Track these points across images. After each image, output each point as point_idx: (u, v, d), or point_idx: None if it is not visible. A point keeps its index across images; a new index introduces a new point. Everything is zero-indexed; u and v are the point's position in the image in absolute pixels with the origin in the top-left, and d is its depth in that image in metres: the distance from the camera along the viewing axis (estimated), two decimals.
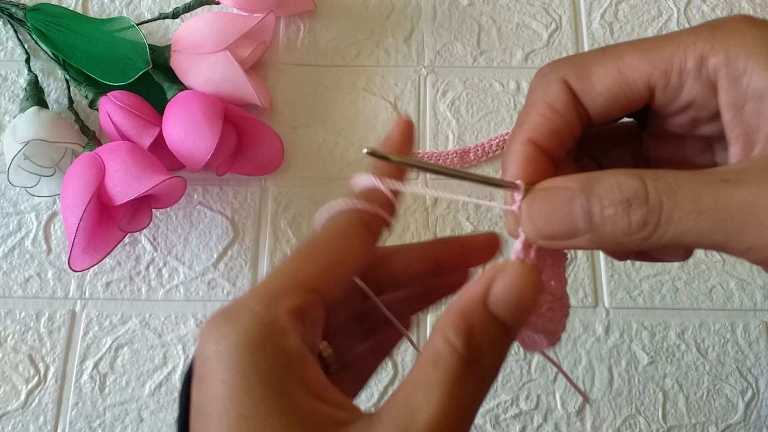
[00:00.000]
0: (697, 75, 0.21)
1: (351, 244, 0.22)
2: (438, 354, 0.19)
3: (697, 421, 0.46)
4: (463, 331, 0.19)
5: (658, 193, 0.18)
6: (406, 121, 0.24)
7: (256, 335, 0.19)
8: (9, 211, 0.50)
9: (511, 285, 0.20)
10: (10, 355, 0.47)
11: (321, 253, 0.21)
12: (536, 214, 0.21)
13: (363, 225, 0.22)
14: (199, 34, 0.48)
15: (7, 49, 0.55)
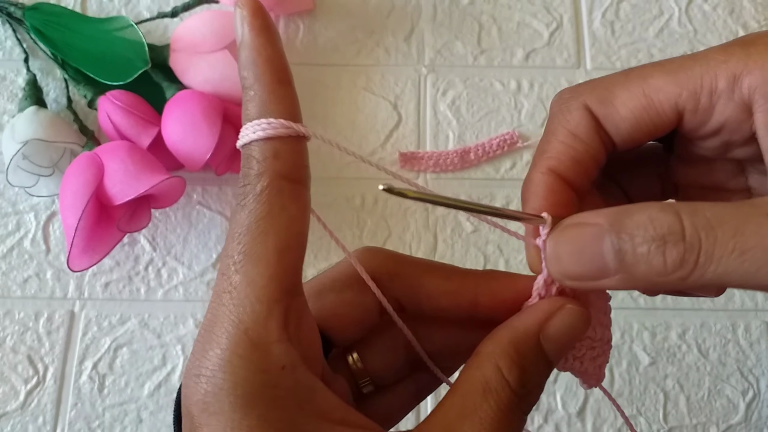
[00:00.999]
0: (730, 96, 0.19)
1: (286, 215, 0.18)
2: (489, 386, 0.18)
3: (698, 421, 0.46)
4: (518, 366, 0.18)
5: (695, 229, 0.17)
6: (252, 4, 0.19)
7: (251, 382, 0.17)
8: (8, 211, 0.50)
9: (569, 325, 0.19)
10: (9, 355, 0.47)
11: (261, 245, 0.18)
12: (563, 252, 0.19)
13: (286, 181, 0.19)
14: (198, 33, 0.48)
15: (5, 48, 0.55)
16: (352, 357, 0.22)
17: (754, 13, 0.56)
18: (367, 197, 0.50)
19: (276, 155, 0.19)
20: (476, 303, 0.21)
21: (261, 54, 0.19)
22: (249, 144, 0.19)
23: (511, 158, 0.51)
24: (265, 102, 0.19)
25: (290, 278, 0.18)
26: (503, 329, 0.20)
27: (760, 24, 0.55)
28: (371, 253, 0.22)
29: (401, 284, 0.22)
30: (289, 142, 0.19)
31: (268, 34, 0.19)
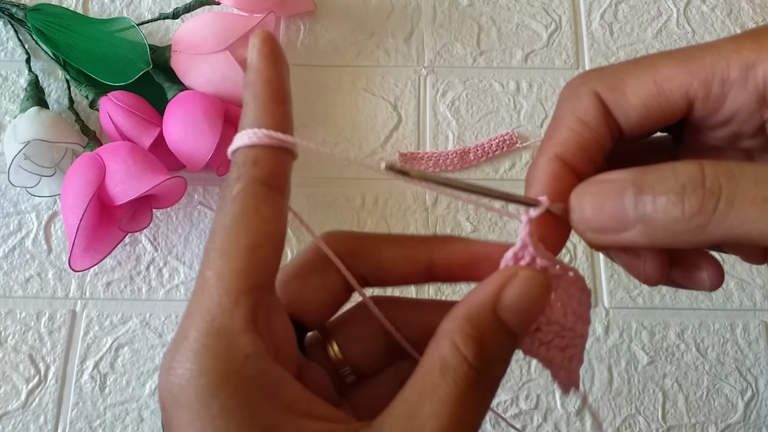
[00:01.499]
0: (743, 85, 0.19)
1: (259, 216, 0.19)
2: (446, 362, 0.18)
3: (697, 420, 0.46)
4: (474, 339, 0.18)
5: (717, 177, 0.17)
6: (265, 36, 0.21)
7: (215, 370, 0.17)
8: (9, 211, 0.50)
9: (524, 292, 0.19)
10: (11, 354, 0.47)
11: (234, 243, 0.18)
12: (586, 203, 0.20)
13: (262, 186, 0.19)
14: (199, 35, 0.48)
15: (7, 49, 0.55)
16: (332, 347, 0.23)
17: (752, 14, 0.56)
18: (367, 197, 0.51)
19: (255, 162, 0.20)
20: (432, 266, 0.22)
21: (261, 75, 0.20)
22: (235, 151, 0.20)
23: (511, 159, 0.52)
24: (256, 116, 0.20)
25: (260, 274, 0.19)
26: (459, 305, 0.20)
27: (758, 24, 0.55)
28: (331, 236, 0.23)
29: (362, 259, 0.22)
30: (271, 152, 0.20)
31: (272, 59, 0.21)
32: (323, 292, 0.22)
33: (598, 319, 0.48)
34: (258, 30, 0.21)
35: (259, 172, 0.20)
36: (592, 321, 0.48)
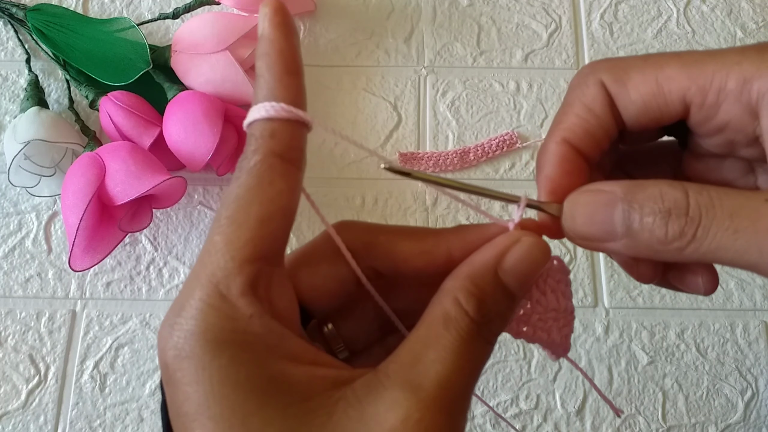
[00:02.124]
0: (737, 97, 0.20)
1: (273, 189, 0.19)
2: (449, 316, 0.19)
3: (697, 420, 0.46)
4: (475, 297, 0.20)
5: (698, 206, 0.19)
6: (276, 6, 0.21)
7: (220, 327, 0.18)
8: (9, 211, 0.50)
9: (525, 257, 0.21)
10: (11, 354, 0.47)
11: (245, 213, 0.19)
12: (578, 213, 0.21)
13: (278, 159, 0.20)
14: (199, 35, 0.48)
15: (7, 49, 0.55)
16: (327, 327, 0.23)
17: (752, 14, 0.56)
18: (367, 197, 0.51)
19: (272, 134, 0.20)
20: (451, 258, 0.22)
21: (274, 46, 0.20)
22: (251, 123, 0.20)
23: (510, 158, 0.52)
24: (272, 88, 0.20)
25: (267, 245, 0.19)
26: (463, 266, 0.21)
27: (758, 25, 0.55)
28: (346, 226, 0.23)
29: (377, 252, 0.22)
30: (288, 125, 0.20)
31: (284, 30, 0.21)
32: (332, 281, 0.22)
33: (598, 319, 0.48)
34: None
35: (276, 145, 0.20)
36: (592, 321, 0.48)
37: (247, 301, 0.18)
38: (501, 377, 0.47)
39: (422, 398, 0.18)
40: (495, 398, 0.46)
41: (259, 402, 0.18)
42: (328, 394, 0.18)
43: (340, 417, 0.18)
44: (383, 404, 0.18)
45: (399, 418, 0.18)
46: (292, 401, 0.18)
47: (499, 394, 0.46)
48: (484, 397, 0.47)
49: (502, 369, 0.47)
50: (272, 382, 0.18)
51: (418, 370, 0.19)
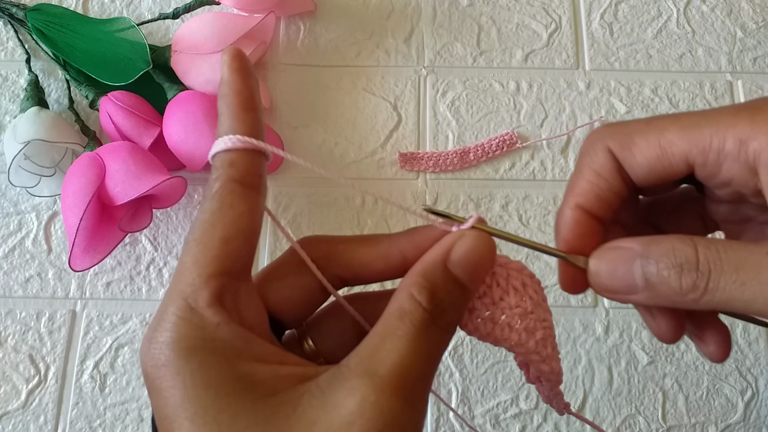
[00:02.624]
0: (737, 157, 0.22)
1: (234, 211, 0.21)
2: (403, 309, 0.21)
3: (697, 420, 0.46)
4: (427, 289, 0.21)
5: (707, 261, 0.21)
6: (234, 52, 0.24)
7: (191, 336, 0.20)
8: (9, 211, 0.50)
9: (470, 249, 0.22)
10: (11, 354, 0.47)
11: (210, 234, 0.21)
12: (601, 269, 0.23)
13: (237, 185, 0.22)
14: (199, 35, 0.48)
15: (7, 49, 0.55)
16: (307, 342, 0.25)
17: (752, 14, 0.56)
18: (367, 197, 0.51)
19: (231, 163, 0.22)
20: (405, 259, 0.24)
21: (232, 87, 0.23)
22: (214, 156, 0.23)
23: (510, 158, 0.52)
24: (230, 124, 0.23)
25: (231, 262, 0.21)
26: (416, 265, 0.23)
27: (758, 25, 0.55)
28: (308, 241, 0.25)
29: (338, 261, 0.24)
30: (245, 155, 0.22)
31: (241, 73, 0.23)
32: (299, 291, 0.24)
33: (598, 319, 0.48)
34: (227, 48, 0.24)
35: (234, 173, 0.22)
36: (592, 321, 0.48)
37: (213, 311, 0.20)
38: (501, 377, 0.47)
39: (377, 383, 0.19)
40: (495, 398, 0.46)
41: (228, 399, 0.19)
42: (293, 389, 0.20)
43: (305, 408, 0.19)
44: (343, 392, 0.20)
45: (357, 401, 0.19)
46: (259, 397, 0.20)
47: (499, 394, 0.46)
48: (484, 397, 0.47)
49: (502, 369, 0.47)
50: (240, 381, 0.20)
51: (376, 360, 0.20)
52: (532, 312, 0.24)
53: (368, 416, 0.19)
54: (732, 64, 0.54)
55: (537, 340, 0.24)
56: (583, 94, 0.53)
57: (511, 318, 0.24)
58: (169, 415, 0.19)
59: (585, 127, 0.52)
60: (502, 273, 0.24)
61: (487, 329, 0.24)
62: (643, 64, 0.54)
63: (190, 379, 0.19)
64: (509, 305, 0.24)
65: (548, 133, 0.52)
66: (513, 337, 0.23)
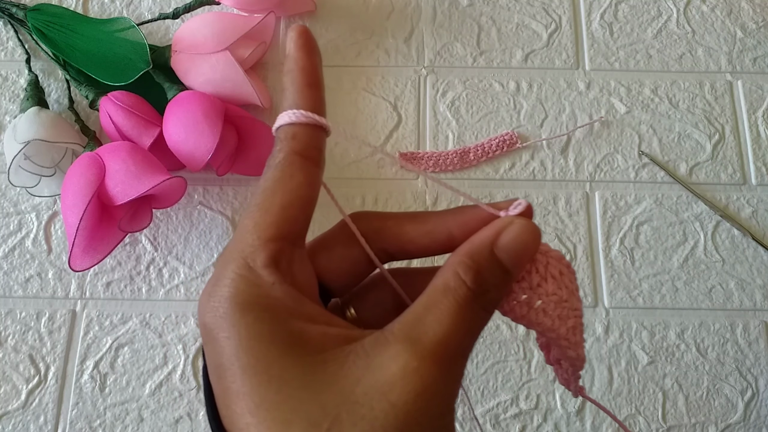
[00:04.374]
0: None
1: (294, 181, 0.23)
2: (448, 285, 0.22)
3: (697, 420, 0.46)
4: (472, 270, 0.22)
5: None
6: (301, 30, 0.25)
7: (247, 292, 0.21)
8: (9, 211, 0.50)
9: (517, 236, 0.23)
10: (11, 354, 0.47)
11: (270, 201, 0.23)
12: None
13: (298, 156, 0.23)
14: (199, 35, 0.48)
15: (7, 49, 0.55)
16: (349, 310, 0.26)
17: (752, 14, 0.56)
18: (367, 197, 0.51)
19: (294, 136, 0.24)
20: (451, 237, 0.25)
21: (297, 63, 0.25)
22: (277, 128, 0.24)
23: (510, 158, 0.52)
24: (294, 99, 0.24)
25: (288, 227, 0.23)
26: (464, 245, 0.24)
27: (758, 25, 0.55)
28: (359, 216, 0.26)
29: (386, 235, 0.26)
30: (307, 129, 0.24)
31: (307, 50, 0.25)
32: (347, 263, 0.26)
33: (598, 319, 0.48)
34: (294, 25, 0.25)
35: (296, 145, 0.24)
36: (592, 321, 0.48)
37: (269, 271, 0.22)
38: (501, 377, 0.47)
39: (420, 350, 0.21)
40: (495, 398, 0.46)
41: (279, 352, 0.20)
42: (340, 348, 0.21)
43: (350, 366, 0.21)
44: (387, 355, 0.21)
45: (399, 365, 0.20)
46: (308, 352, 0.21)
47: (499, 394, 0.46)
48: (484, 397, 0.47)
49: (502, 369, 0.47)
50: (291, 337, 0.21)
51: (418, 329, 0.21)
52: (566, 300, 0.25)
53: (408, 380, 0.20)
54: (732, 64, 0.54)
55: (568, 328, 0.25)
56: (583, 94, 0.53)
57: (546, 304, 0.24)
58: (224, 364, 0.21)
59: (585, 127, 0.52)
60: (542, 260, 0.25)
61: (522, 312, 0.24)
62: (643, 64, 0.54)
63: (245, 332, 0.21)
64: (546, 292, 0.24)
65: (548, 133, 0.52)
66: (546, 322, 0.24)
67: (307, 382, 0.20)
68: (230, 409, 0.20)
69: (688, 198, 0.51)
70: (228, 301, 0.21)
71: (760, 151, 0.52)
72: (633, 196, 0.51)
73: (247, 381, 0.20)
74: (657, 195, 0.51)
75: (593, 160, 0.52)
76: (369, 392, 0.20)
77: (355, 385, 0.20)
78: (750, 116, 0.53)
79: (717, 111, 0.53)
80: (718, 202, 0.51)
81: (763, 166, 0.52)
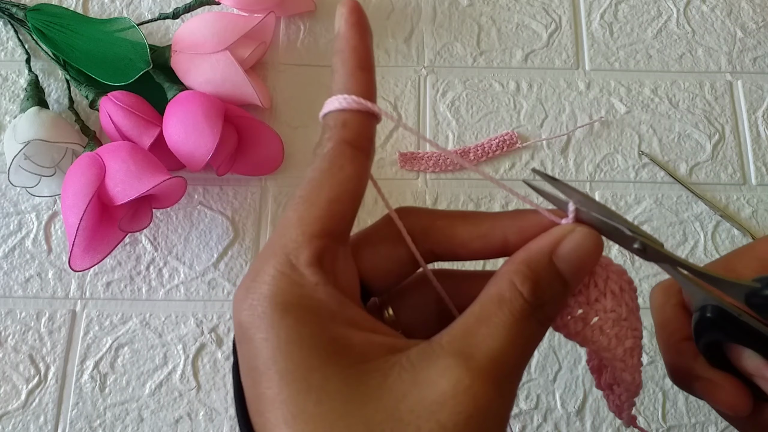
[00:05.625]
0: None
1: (343, 173, 0.21)
2: (503, 296, 0.21)
3: (697, 420, 0.46)
4: (530, 280, 0.21)
5: None
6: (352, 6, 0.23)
7: (289, 292, 0.20)
8: (9, 211, 0.50)
9: (579, 246, 0.22)
10: (11, 354, 0.47)
11: (317, 193, 0.21)
12: None
13: (348, 146, 0.22)
14: (199, 35, 0.48)
15: (7, 49, 0.55)
16: (387, 310, 0.25)
17: (752, 14, 0.56)
18: (367, 197, 0.51)
19: (344, 124, 0.22)
20: (507, 242, 0.23)
21: (349, 43, 0.22)
22: (326, 114, 0.22)
23: (510, 159, 0.52)
24: (345, 82, 0.22)
25: (334, 224, 0.21)
26: (520, 252, 0.22)
27: (758, 25, 0.55)
28: (407, 212, 0.24)
29: (436, 236, 0.24)
30: (358, 116, 0.22)
31: (359, 29, 0.22)
32: (391, 262, 0.24)
33: None
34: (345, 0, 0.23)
35: (347, 134, 0.22)
36: None
37: (312, 270, 0.20)
38: None
39: (473, 367, 0.19)
40: None
41: (321, 359, 0.19)
42: (384, 358, 0.20)
43: (395, 379, 0.19)
44: (436, 370, 0.19)
45: (450, 383, 0.19)
46: (352, 362, 0.19)
47: None
48: None
49: None
50: (333, 343, 0.19)
51: (471, 343, 0.20)
52: (625, 319, 0.23)
53: (460, 399, 0.19)
54: (732, 64, 0.54)
55: (626, 349, 0.23)
56: (583, 94, 0.53)
57: (604, 321, 0.23)
58: (259, 367, 0.19)
59: (585, 127, 0.52)
60: (602, 274, 0.23)
61: (577, 328, 0.23)
62: (643, 64, 0.54)
63: (285, 334, 0.19)
64: (604, 308, 0.23)
65: (548, 133, 0.52)
66: (603, 340, 0.23)
67: (349, 395, 0.19)
68: (264, 416, 0.19)
69: (689, 198, 0.51)
70: (268, 299, 0.20)
71: (760, 151, 0.52)
72: (633, 196, 0.51)
73: (284, 388, 0.19)
74: (657, 195, 0.51)
75: (593, 160, 0.52)
76: (416, 410, 0.18)
77: (400, 401, 0.19)
78: (750, 116, 0.53)
79: (717, 111, 0.53)
80: (719, 202, 0.51)
81: (763, 166, 0.52)
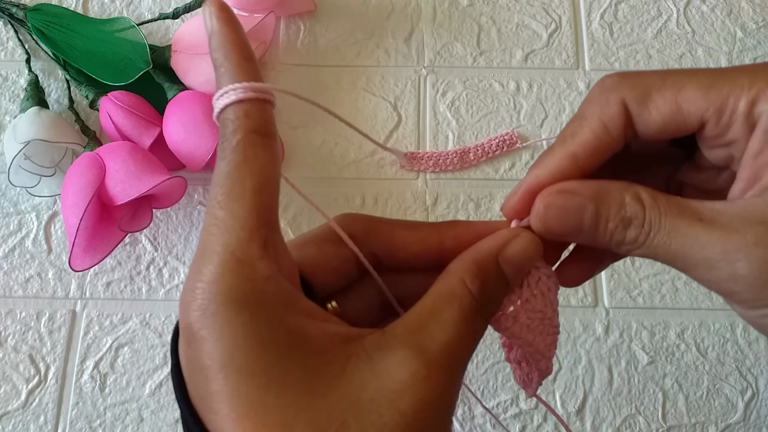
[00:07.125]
0: (746, 118, 0.22)
1: (259, 162, 0.21)
2: (454, 293, 0.22)
3: (697, 420, 0.46)
4: (479, 279, 0.22)
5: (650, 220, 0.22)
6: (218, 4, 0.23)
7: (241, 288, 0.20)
8: (9, 211, 0.50)
9: (523, 250, 0.23)
10: (11, 354, 0.47)
11: (240, 187, 0.21)
12: (551, 215, 0.23)
13: (257, 135, 0.22)
14: (199, 35, 0.48)
15: (7, 49, 0.55)
16: (331, 304, 0.25)
17: (752, 14, 0.56)
18: (367, 197, 0.51)
19: (247, 114, 0.22)
20: (443, 247, 0.25)
21: (228, 38, 0.23)
22: (223, 110, 0.22)
23: (510, 158, 0.52)
24: (234, 74, 0.22)
25: (267, 213, 0.21)
26: (469, 251, 0.24)
27: (758, 25, 0.55)
28: (349, 217, 0.26)
29: (376, 239, 0.25)
30: (257, 104, 0.22)
31: (232, 24, 0.23)
32: (336, 260, 0.25)
33: (598, 319, 0.48)
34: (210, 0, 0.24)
35: (252, 123, 0.22)
36: (592, 321, 0.48)
37: (264, 264, 0.20)
38: (501, 377, 0.47)
39: (428, 359, 0.20)
40: (495, 398, 0.46)
41: (279, 353, 0.19)
42: (340, 348, 0.20)
43: (353, 369, 0.20)
44: (393, 361, 0.20)
45: (409, 373, 0.20)
46: (310, 353, 0.20)
47: (499, 394, 0.46)
48: (484, 397, 0.47)
49: (502, 369, 0.47)
50: (291, 336, 0.20)
51: (425, 336, 0.21)
52: (549, 318, 0.25)
53: (418, 388, 0.20)
54: (732, 63, 0.54)
55: (547, 344, 0.25)
56: (583, 94, 0.53)
57: (531, 320, 0.24)
58: (212, 366, 0.19)
59: None
60: (535, 275, 0.24)
61: (507, 324, 0.24)
62: (643, 64, 0.54)
63: (242, 331, 0.19)
64: (533, 308, 0.24)
65: (548, 133, 0.52)
66: (528, 336, 0.24)
67: (310, 386, 0.19)
68: (220, 414, 0.19)
69: None
70: (219, 298, 0.19)
71: None
72: None
73: (243, 383, 0.19)
74: None
75: None
76: (376, 399, 0.19)
77: (361, 390, 0.20)
78: None
79: None
80: None
81: None
